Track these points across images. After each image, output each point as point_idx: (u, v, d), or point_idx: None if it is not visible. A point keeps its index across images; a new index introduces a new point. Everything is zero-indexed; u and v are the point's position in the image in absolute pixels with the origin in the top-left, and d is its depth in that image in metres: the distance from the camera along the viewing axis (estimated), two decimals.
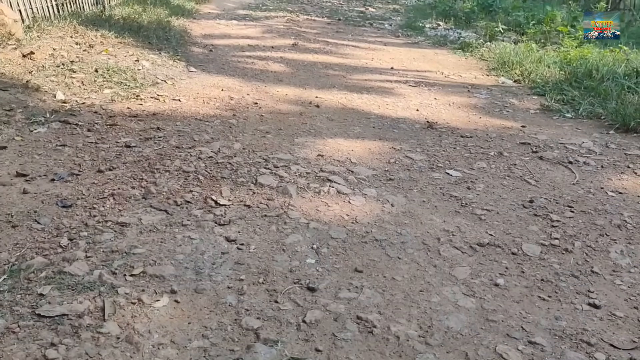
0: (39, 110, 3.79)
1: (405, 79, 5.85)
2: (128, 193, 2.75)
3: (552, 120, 4.62)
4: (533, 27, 8.51)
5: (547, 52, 6.88)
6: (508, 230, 2.67)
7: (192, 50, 6.58)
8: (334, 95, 5.01)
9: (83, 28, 6.12)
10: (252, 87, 5.11)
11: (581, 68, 5.64)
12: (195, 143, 3.51)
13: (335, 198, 2.89)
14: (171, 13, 8.53)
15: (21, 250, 2.18)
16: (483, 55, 7.27)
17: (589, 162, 3.62)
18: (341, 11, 12.25)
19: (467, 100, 5.09)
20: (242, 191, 2.87)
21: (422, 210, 2.83)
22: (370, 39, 8.68)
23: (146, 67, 5.27)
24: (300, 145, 3.63)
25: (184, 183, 2.92)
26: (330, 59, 6.75)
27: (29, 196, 2.63)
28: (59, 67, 4.71)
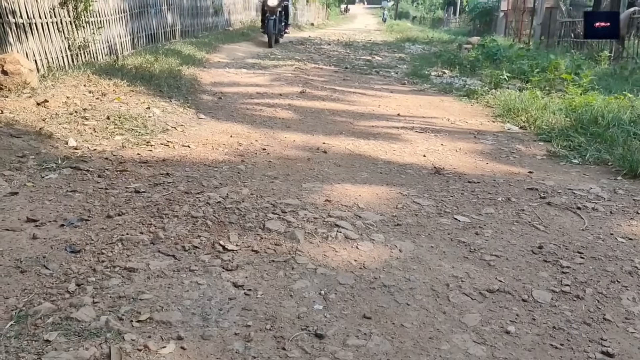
0: (51, 157, 3.85)
1: (412, 125, 5.92)
2: (136, 238, 2.76)
3: (559, 166, 4.63)
4: (537, 75, 8.64)
5: (552, 99, 6.96)
6: (518, 276, 2.64)
7: (201, 98, 6.71)
8: (341, 141, 5.06)
9: (96, 77, 6.28)
10: (261, 133, 5.18)
11: (586, 115, 5.69)
12: (204, 188, 3.54)
13: (343, 243, 2.89)
14: (182, 62, 8.74)
15: (29, 295, 2.17)
16: (488, 102, 7.36)
17: (597, 208, 3.61)
18: (348, 60, 12.51)
19: (473, 146, 5.13)
20: (249, 236, 2.88)
21: (431, 255, 2.82)
22: (376, 86, 8.83)
23: (157, 114, 5.38)
24: (308, 190, 3.65)
25: (192, 228, 2.93)
26: (337, 106, 6.86)
27: (39, 241, 2.64)
28: (72, 115, 4.81)
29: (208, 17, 15.73)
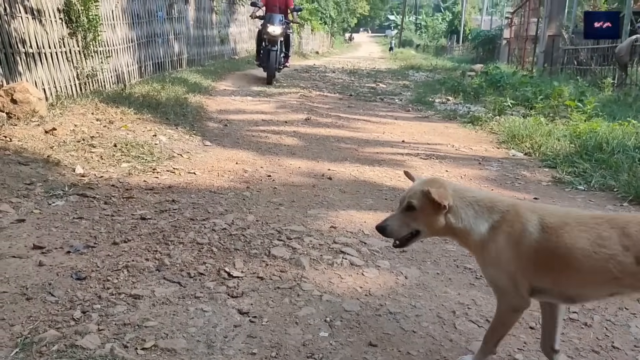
0: (58, 184, 3.88)
1: (417, 151, 5.94)
2: (142, 265, 2.76)
3: (565, 192, 4.63)
4: (541, 102, 8.69)
5: (556, 125, 6.99)
6: None
7: (207, 125, 6.76)
8: (346, 167, 5.08)
9: (104, 105, 6.35)
10: (266, 160, 5.21)
11: (591, 141, 5.70)
12: (210, 215, 3.56)
13: (349, 270, 2.88)
14: (188, 90, 8.85)
15: (34, 323, 2.17)
16: (493, 128, 7.39)
17: None
18: (352, 87, 12.62)
19: (478, 173, 5.14)
20: (255, 263, 2.88)
21: (437, 282, 2.80)
22: (381, 113, 8.89)
23: (163, 142, 5.42)
24: (313, 217, 3.65)
25: (197, 255, 2.93)
26: (342, 132, 6.90)
27: (45, 268, 2.65)
28: (79, 143, 4.86)
29: (214, 45, 15.96)
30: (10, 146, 4.45)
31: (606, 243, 1.69)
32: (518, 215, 1.84)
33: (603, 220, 1.77)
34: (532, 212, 1.84)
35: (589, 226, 1.75)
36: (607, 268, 1.68)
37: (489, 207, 1.90)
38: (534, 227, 1.79)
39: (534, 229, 1.79)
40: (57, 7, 6.66)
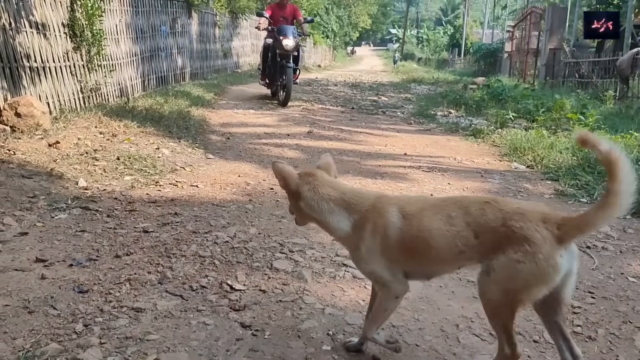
0: (61, 197, 3.89)
1: (419, 164, 5.94)
2: (144, 278, 2.76)
3: (568, 204, 4.62)
4: (543, 115, 8.70)
5: (558, 138, 6.99)
6: (528, 316, 2.60)
7: (210, 138, 6.79)
8: (348, 180, 5.08)
9: (107, 118, 6.39)
10: (268, 172, 5.21)
11: (593, 154, 5.69)
12: (212, 228, 3.56)
13: (351, 283, 2.87)
14: (191, 103, 8.89)
15: (36, 336, 2.17)
16: (495, 141, 7.40)
17: (607, 247, 3.58)
18: (354, 100, 12.67)
19: (480, 185, 5.14)
20: (257, 276, 2.87)
21: (440, 295, 2.79)
22: (383, 126, 8.92)
23: (166, 155, 5.44)
24: (315, 229, 3.64)
25: (199, 268, 2.93)
26: (344, 145, 6.92)
27: (47, 282, 2.65)
28: (83, 156, 4.88)
29: (217, 59, 16.08)
30: (13, 159, 4.47)
31: (454, 221, 1.86)
32: (378, 210, 1.96)
33: (451, 202, 1.95)
34: (391, 204, 1.97)
35: (441, 208, 1.92)
36: (455, 243, 1.85)
37: (347, 204, 2.01)
38: (396, 217, 1.93)
39: (395, 218, 1.93)
40: (61, 22, 6.73)
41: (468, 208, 1.88)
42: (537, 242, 1.72)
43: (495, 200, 1.90)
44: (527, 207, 1.84)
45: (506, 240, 1.76)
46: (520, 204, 1.85)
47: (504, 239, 1.77)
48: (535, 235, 1.73)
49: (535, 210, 1.82)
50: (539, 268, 1.72)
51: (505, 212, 1.80)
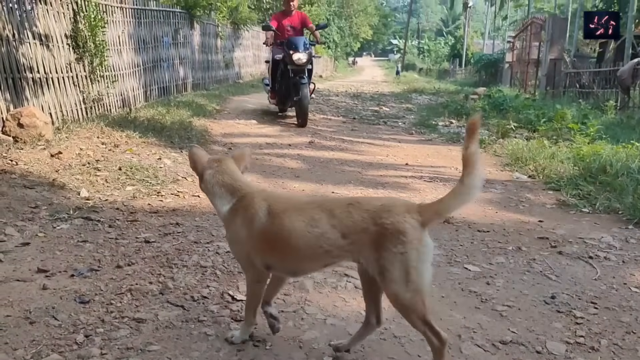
0: (63, 207, 3.90)
1: (420, 174, 5.94)
2: (145, 288, 2.75)
3: (569, 215, 4.61)
4: (544, 125, 8.71)
5: (559, 148, 6.99)
6: (531, 327, 2.60)
7: (212, 149, 6.80)
8: (350, 190, 5.09)
9: (109, 129, 6.40)
10: (270, 182, 5.22)
11: (595, 164, 5.69)
12: (213, 238, 3.56)
13: (353, 293, 2.87)
14: (193, 114, 8.92)
15: (37, 347, 2.16)
16: (496, 151, 7.40)
17: (609, 257, 3.57)
18: (356, 110, 12.69)
19: (482, 195, 5.13)
20: None
21: (442, 306, 2.78)
22: (384, 136, 8.93)
23: (168, 165, 5.45)
24: None
25: (201, 278, 2.93)
26: (345, 155, 6.92)
27: (48, 292, 2.65)
28: (85, 166, 4.89)
29: (219, 70, 16.14)
30: (16, 170, 4.48)
31: (318, 224, 1.97)
32: (252, 201, 2.11)
33: (315, 205, 2.06)
34: (263, 199, 2.11)
35: (305, 210, 2.03)
36: (319, 244, 1.97)
37: (232, 191, 2.18)
38: (263, 213, 2.07)
39: (262, 214, 2.07)
40: (64, 33, 6.77)
41: (333, 210, 1.99)
42: (409, 231, 1.88)
43: (357, 201, 2.04)
44: (389, 202, 2.01)
45: (382, 237, 1.89)
46: (382, 201, 2.02)
47: (380, 237, 1.90)
48: (406, 226, 1.89)
49: (397, 204, 1.98)
50: (419, 252, 1.88)
51: (372, 212, 1.94)
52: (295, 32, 9.55)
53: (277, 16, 9.89)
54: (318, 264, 2.11)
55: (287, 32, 9.49)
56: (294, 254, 2.05)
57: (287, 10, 9.76)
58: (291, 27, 9.63)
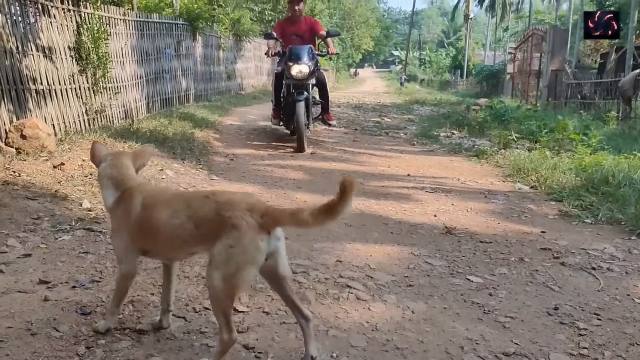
0: (65, 219, 3.90)
1: (422, 185, 5.94)
2: (147, 300, 2.75)
3: (572, 225, 4.60)
4: (546, 136, 8.71)
5: (561, 159, 6.99)
6: (534, 338, 2.58)
7: (214, 160, 6.82)
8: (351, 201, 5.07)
9: (112, 140, 6.42)
10: (272, 193, 5.22)
11: (597, 174, 5.69)
12: None
13: (355, 304, 2.86)
14: (195, 125, 8.95)
15: (38, 359, 2.16)
16: (498, 162, 7.40)
17: (612, 268, 3.56)
18: (357, 121, 12.72)
19: (484, 206, 5.13)
20: (260, 297, 2.86)
21: (444, 317, 2.77)
22: (386, 147, 8.94)
23: (170, 176, 5.46)
24: (319, 250, 3.64)
25: (203, 289, 2.92)
26: (347, 166, 6.93)
27: (50, 303, 2.64)
28: (87, 177, 4.90)
29: (221, 81, 16.20)
30: (18, 181, 4.49)
31: (178, 215, 2.10)
32: (132, 194, 2.24)
33: (179, 197, 2.28)
34: (140, 192, 2.25)
35: (170, 202, 2.19)
36: (179, 234, 2.10)
37: (118, 184, 2.30)
38: (138, 205, 2.21)
39: (137, 206, 2.21)
40: (68, 45, 6.82)
41: (190, 202, 2.15)
42: (243, 228, 1.97)
43: (213, 193, 2.17)
44: (236, 197, 2.09)
45: (220, 228, 1.99)
46: (232, 195, 2.11)
47: (219, 228, 2.00)
48: (242, 223, 1.97)
49: (243, 200, 2.06)
50: (246, 251, 1.96)
51: (218, 203, 2.04)
52: (302, 41, 8.23)
53: (282, 23, 8.77)
54: (183, 252, 2.24)
55: (291, 41, 8.22)
56: (163, 242, 2.19)
57: (293, 16, 8.48)
58: (297, 35, 8.37)
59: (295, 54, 7.70)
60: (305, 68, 7.65)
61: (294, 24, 8.46)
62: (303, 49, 7.76)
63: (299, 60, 7.65)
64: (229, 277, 1.96)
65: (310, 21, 8.71)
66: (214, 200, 2.07)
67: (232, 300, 2.02)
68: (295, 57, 7.68)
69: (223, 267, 1.96)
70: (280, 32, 8.31)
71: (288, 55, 7.80)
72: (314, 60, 7.85)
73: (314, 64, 7.80)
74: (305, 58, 7.67)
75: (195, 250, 2.16)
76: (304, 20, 8.57)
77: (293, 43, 8.12)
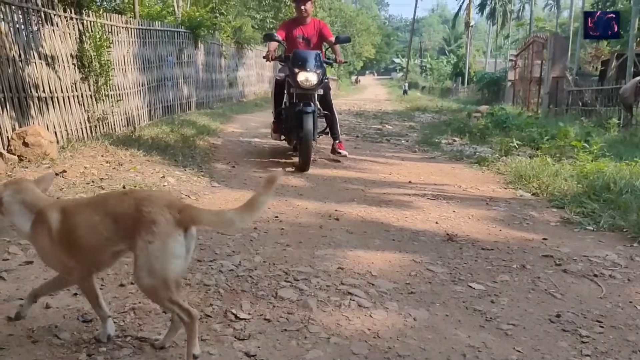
0: None
1: (424, 192, 5.94)
2: (148, 307, 2.74)
3: (574, 232, 4.59)
4: (547, 143, 8.71)
5: (563, 166, 6.99)
6: (536, 346, 2.57)
7: (215, 167, 6.82)
8: (353, 208, 5.09)
9: (114, 147, 6.45)
10: (273, 200, 5.22)
11: (598, 181, 5.69)
12: (217, 256, 3.55)
13: (356, 312, 2.85)
14: (197, 132, 8.97)
15: None
16: (499, 169, 7.40)
17: (614, 275, 3.55)
18: (359, 128, 12.74)
19: (486, 213, 5.12)
20: (262, 305, 2.86)
21: (446, 324, 2.76)
22: (387, 154, 8.95)
23: (171, 183, 5.47)
24: (321, 258, 3.64)
25: (204, 296, 2.92)
26: (349, 173, 6.93)
27: (51, 311, 2.64)
28: (89, 184, 4.91)
29: (223, 89, 16.26)
30: None
31: (95, 217, 2.15)
32: (46, 212, 2.24)
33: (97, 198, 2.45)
34: (54, 208, 2.25)
35: (88, 205, 2.26)
36: (100, 230, 2.14)
37: (31, 207, 2.28)
38: (56, 221, 2.21)
39: (55, 222, 2.21)
40: (70, 53, 6.85)
41: (108, 200, 2.25)
42: (162, 223, 2.04)
43: (132, 191, 2.32)
44: (155, 194, 2.21)
45: (140, 224, 2.06)
46: (150, 193, 2.23)
47: (138, 224, 2.06)
48: (160, 218, 2.05)
49: (162, 197, 2.17)
50: (165, 244, 2.04)
51: (137, 200, 2.11)
52: (308, 46, 7.34)
53: (287, 24, 7.69)
54: (108, 252, 2.23)
55: (297, 45, 7.34)
56: (87, 248, 2.20)
57: (299, 17, 7.46)
58: (303, 38, 7.40)
59: (301, 60, 6.71)
60: (312, 76, 6.65)
61: (301, 25, 7.45)
62: (310, 54, 6.79)
63: (306, 67, 6.65)
64: (155, 273, 2.04)
65: (318, 24, 7.63)
66: (133, 197, 2.15)
67: (170, 289, 2.07)
68: (301, 62, 6.68)
69: (147, 265, 2.04)
70: (284, 33, 7.35)
71: (293, 61, 6.79)
72: (323, 68, 6.87)
73: (322, 73, 6.81)
74: (313, 65, 6.69)
75: (120, 249, 2.19)
76: (312, 23, 7.53)
77: (298, 47, 7.23)
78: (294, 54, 6.86)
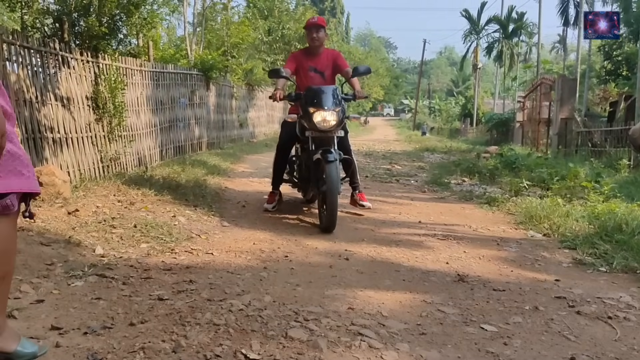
0: (78, 265, 3.93)
1: (434, 232, 5.92)
2: (158, 347, 2.73)
3: (587, 274, 4.55)
4: (557, 183, 8.70)
5: (573, 206, 6.96)
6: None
7: (226, 207, 6.86)
8: (363, 248, 5.08)
9: (126, 187, 6.52)
10: (283, 240, 5.23)
11: (610, 222, 5.65)
12: (227, 295, 3.54)
13: (367, 352, 2.82)
14: (208, 172, 9.06)
15: None
16: (510, 209, 7.37)
17: (629, 317, 3.49)
18: (368, 169, 12.79)
19: (497, 253, 5.09)
20: (272, 345, 2.83)
21: None
22: (397, 194, 8.96)
23: (182, 223, 5.50)
24: (331, 298, 3.62)
25: (214, 336, 2.90)
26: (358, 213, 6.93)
27: (61, 350, 2.64)
28: (101, 224, 4.95)
29: (233, 129, 16.48)
30: (33, 227, 4.55)
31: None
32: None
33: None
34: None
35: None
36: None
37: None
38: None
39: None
40: (85, 95, 7.02)
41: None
42: None
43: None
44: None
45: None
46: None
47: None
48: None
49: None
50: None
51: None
52: (322, 79, 6.21)
53: (296, 56, 6.49)
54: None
55: (309, 79, 6.21)
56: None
57: (311, 47, 6.30)
58: (315, 70, 6.25)
59: (317, 97, 5.64)
60: (331, 116, 5.57)
61: (312, 56, 6.31)
62: (328, 90, 5.73)
63: (323, 105, 5.57)
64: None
65: (333, 54, 6.52)
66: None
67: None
68: (317, 100, 5.61)
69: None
70: (294, 65, 6.23)
71: (307, 98, 5.74)
72: (342, 105, 5.73)
73: (342, 111, 5.68)
74: (331, 102, 5.61)
75: None
76: (325, 53, 6.39)
77: (311, 82, 6.12)
78: (308, 90, 5.81)
